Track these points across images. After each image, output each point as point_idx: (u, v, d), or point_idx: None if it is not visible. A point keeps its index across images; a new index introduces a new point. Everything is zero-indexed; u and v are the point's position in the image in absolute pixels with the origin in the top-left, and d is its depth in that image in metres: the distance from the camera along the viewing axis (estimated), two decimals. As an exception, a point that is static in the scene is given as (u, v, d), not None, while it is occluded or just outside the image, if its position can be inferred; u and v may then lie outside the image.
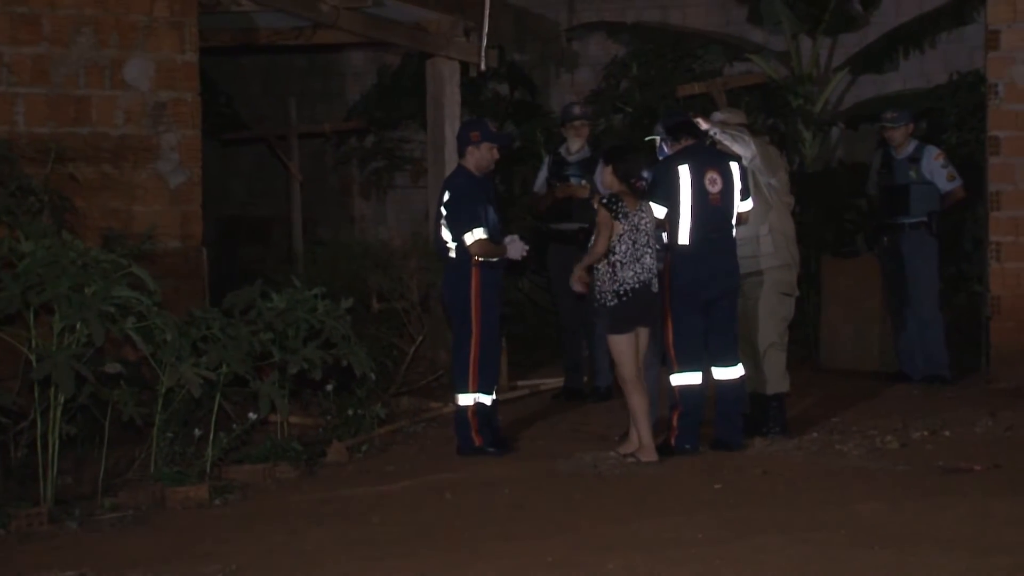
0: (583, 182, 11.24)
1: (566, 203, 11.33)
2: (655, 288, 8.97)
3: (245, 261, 15.45)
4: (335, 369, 9.15)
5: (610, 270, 8.91)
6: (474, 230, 9.12)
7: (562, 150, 11.52)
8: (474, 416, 9.21)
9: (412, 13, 12.14)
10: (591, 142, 11.59)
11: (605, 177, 9.11)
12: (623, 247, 8.89)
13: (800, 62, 14.82)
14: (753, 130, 10.22)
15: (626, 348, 8.92)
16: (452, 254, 9.25)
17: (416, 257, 11.76)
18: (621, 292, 8.89)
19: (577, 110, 11.41)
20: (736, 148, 9.39)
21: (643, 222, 8.95)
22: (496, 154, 9.38)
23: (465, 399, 9.22)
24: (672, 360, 9.08)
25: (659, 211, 9.06)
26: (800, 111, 14.60)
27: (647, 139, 9.65)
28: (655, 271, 8.98)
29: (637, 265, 8.89)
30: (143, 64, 9.82)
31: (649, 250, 8.94)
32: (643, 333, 9.00)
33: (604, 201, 8.99)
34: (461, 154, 9.44)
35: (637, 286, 8.88)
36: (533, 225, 12.18)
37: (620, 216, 8.89)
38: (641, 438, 8.89)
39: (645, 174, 9.01)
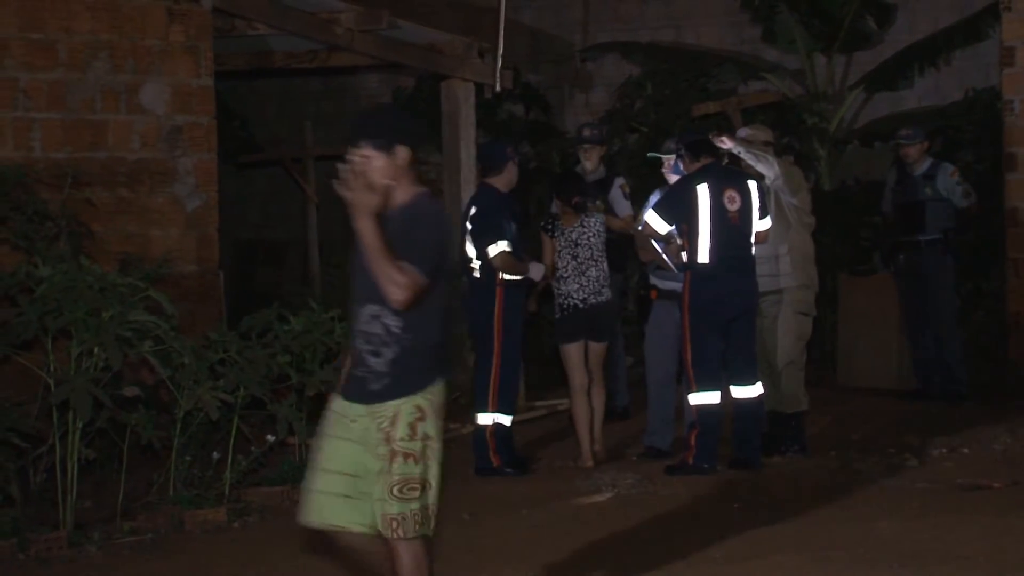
0: (597, 202, 11.21)
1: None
2: (603, 298, 9.30)
3: (261, 284, 15.47)
4: (352, 391, 9.13)
5: (556, 284, 9.33)
6: (498, 242, 9.10)
7: (578, 170, 11.51)
8: (492, 436, 9.22)
9: (426, 35, 12.16)
10: (607, 162, 11.59)
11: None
12: (563, 262, 9.34)
13: (815, 80, 14.81)
14: (777, 149, 10.20)
15: (572, 357, 9.35)
16: (476, 273, 9.24)
17: (432, 278, 11.74)
18: (565, 306, 9.33)
19: (587, 132, 11.34)
20: (760, 167, 9.38)
21: (583, 236, 9.36)
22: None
23: (484, 419, 9.23)
24: (691, 379, 9.07)
25: (662, 227, 9.14)
26: (815, 129, 14.59)
27: (650, 156, 9.69)
28: (604, 283, 9.35)
29: (582, 278, 9.30)
30: (159, 88, 9.86)
31: (595, 263, 9.32)
32: (595, 347, 9.37)
33: (541, 224, 9.51)
34: (498, 171, 9.36)
35: (579, 301, 9.25)
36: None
37: (556, 233, 9.35)
38: (580, 444, 9.35)
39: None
